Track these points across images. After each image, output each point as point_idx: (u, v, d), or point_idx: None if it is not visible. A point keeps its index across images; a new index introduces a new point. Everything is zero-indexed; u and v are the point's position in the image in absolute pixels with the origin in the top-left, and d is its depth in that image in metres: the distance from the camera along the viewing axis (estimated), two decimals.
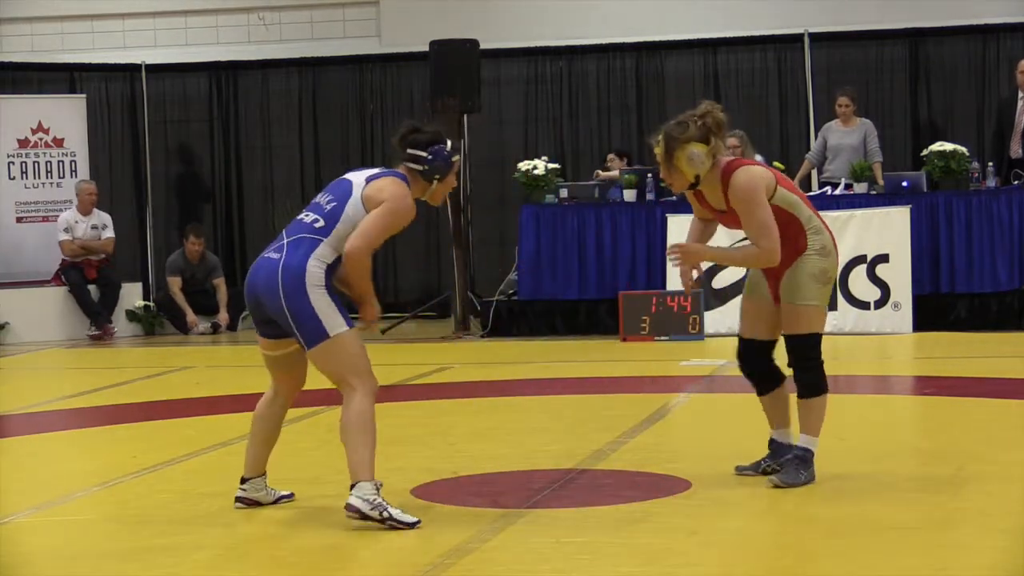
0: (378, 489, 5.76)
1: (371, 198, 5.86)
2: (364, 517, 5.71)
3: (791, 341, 6.41)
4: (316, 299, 5.79)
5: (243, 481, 6.20)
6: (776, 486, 6.31)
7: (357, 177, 5.99)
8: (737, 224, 6.39)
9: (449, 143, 6.06)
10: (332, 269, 5.87)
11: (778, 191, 6.33)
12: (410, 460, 7.28)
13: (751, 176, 6.26)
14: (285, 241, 5.92)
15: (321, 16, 18.09)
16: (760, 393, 6.62)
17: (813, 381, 6.40)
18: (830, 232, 6.46)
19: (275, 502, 6.25)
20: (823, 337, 6.43)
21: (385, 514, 5.71)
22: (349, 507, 5.75)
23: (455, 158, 6.06)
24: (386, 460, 7.38)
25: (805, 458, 6.40)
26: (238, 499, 6.19)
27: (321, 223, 5.89)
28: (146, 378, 11.82)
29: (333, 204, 5.92)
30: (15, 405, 10.27)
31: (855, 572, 5.02)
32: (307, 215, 5.97)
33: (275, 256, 5.90)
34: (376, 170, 6.05)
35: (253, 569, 5.44)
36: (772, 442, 6.62)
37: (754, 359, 6.55)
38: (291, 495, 6.33)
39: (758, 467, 6.59)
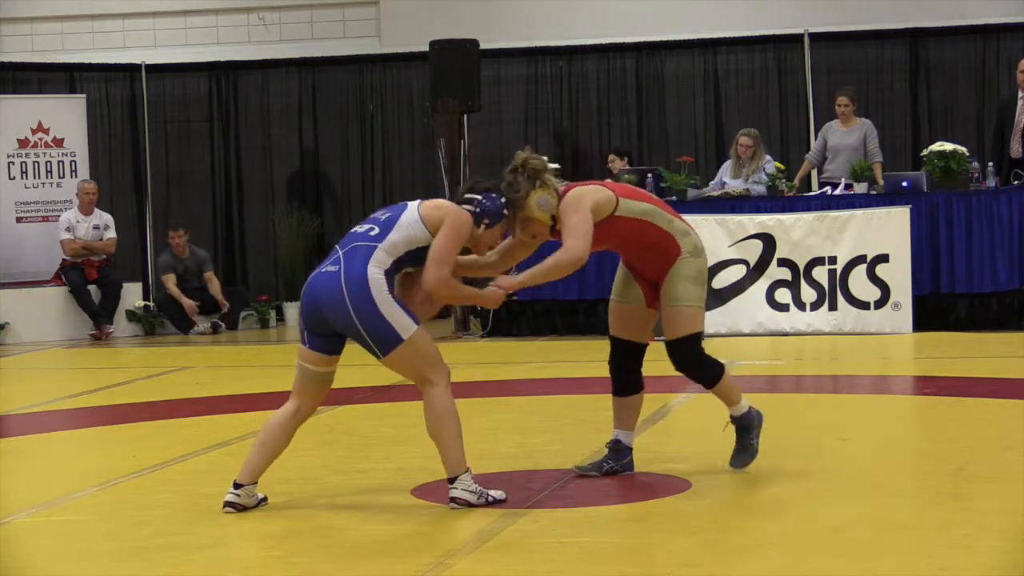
0: (470, 472, 6.09)
1: (430, 214, 6.06)
2: (471, 506, 6.03)
3: (675, 344, 6.50)
4: (384, 306, 5.96)
5: (237, 486, 6.14)
6: (745, 465, 6.63)
7: (414, 201, 6.22)
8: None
9: (504, 199, 6.22)
10: (390, 274, 6.02)
11: (621, 204, 6.41)
12: (410, 460, 7.27)
13: (574, 192, 6.39)
14: (340, 253, 6.06)
15: (321, 16, 18.08)
16: (617, 394, 6.72)
17: (710, 373, 6.60)
18: (695, 233, 6.59)
19: (256, 505, 6.21)
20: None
21: (489, 498, 6.07)
22: (456, 500, 6.05)
23: (506, 211, 6.23)
24: (386, 460, 7.40)
25: (746, 426, 6.67)
26: (229, 503, 6.12)
27: (376, 231, 6.07)
28: (146, 378, 11.81)
29: (388, 215, 6.13)
30: (15, 405, 10.26)
31: (855, 572, 5.01)
32: (361, 226, 6.15)
33: (333, 269, 6.02)
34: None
35: (253, 569, 5.44)
36: (617, 442, 6.72)
37: (625, 358, 6.66)
38: (265, 499, 6.27)
39: (600, 467, 6.69)
